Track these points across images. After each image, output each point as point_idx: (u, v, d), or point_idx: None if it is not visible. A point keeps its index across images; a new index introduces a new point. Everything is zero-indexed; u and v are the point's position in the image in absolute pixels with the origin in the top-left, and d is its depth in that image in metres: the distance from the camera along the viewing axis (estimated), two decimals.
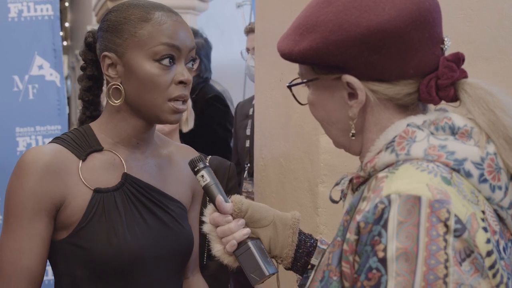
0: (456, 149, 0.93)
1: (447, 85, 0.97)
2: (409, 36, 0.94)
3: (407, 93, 0.98)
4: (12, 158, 2.86)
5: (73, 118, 12.96)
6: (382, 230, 0.85)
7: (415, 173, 0.90)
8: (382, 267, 0.84)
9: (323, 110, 1.04)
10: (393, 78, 0.96)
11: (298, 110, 1.98)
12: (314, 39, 0.97)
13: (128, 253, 1.29)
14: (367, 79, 0.97)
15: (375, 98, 0.98)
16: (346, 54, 0.95)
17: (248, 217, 1.21)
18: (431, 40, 0.97)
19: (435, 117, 0.99)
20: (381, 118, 1.00)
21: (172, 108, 1.31)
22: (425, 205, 0.85)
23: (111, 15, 1.35)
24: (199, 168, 1.24)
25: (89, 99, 1.46)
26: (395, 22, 0.93)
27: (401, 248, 0.83)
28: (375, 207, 0.87)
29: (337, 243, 0.96)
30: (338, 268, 0.94)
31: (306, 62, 1.00)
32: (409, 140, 0.95)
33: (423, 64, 0.96)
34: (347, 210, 0.98)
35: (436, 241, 0.83)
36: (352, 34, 0.94)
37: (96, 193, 1.30)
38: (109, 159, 1.35)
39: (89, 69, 1.43)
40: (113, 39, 1.32)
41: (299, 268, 1.25)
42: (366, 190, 0.96)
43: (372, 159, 0.98)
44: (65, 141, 1.34)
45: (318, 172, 1.87)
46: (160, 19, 1.30)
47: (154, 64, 1.29)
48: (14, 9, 2.98)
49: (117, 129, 1.36)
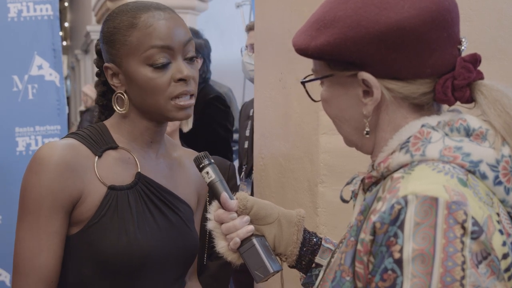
0: (471, 151, 0.92)
1: (463, 85, 0.96)
2: (427, 35, 0.94)
3: (423, 92, 0.97)
4: (11, 158, 2.86)
5: (73, 118, 12.95)
6: (398, 231, 0.85)
7: (431, 174, 0.89)
8: (398, 268, 0.84)
9: (336, 107, 1.03)
10: (409, 77, 0.96)
11: (297, 110, 1.98)
12: (332, 34, 0.96)
13: (137, 252, 1.28)
14: (383, 76, 0.96)
15: (390, 96, 0.97)
16: (363, 51, 0.94)
17: (253, 214, 1.21)
18: (449, 40, 0.96)
19: (449, 118, 0.98)
20: (395, 117, 0.99)
21: (176, 106, 1.31)
22: (442, 206, 0.84)
23: (104, 26, 1.36)
24: (204, 164, 1.24)
25: (104, 104, 1.46)
26: (414, 20, 0.93)
27: (417, 250, 0.83)
28: (391, 207, 0.86)
29: (350, 243, 0.95)
30: (351, 268, 0.93)
31: (323, 58, 0.99)
32: (424, 141, 0.94)
33: (440, 64, 0.96)
34: (361, 210, 0.97)
35: (454, 243, 0.82)
36: (371, 31, 0.93)
37: (111, 190, 1.30)
38: (123, 157, 1.35)
39: (102, 75, 1.44)
40: (109, 50, 1.33)
41: (303, 266, 1.25)
42: (381, 191, 0.95)
43: (385, 159, 0.98)
44: (82, 136, 1.33)
45: (317, 172, 1.87)
46: (146, 21, 1.29)
47: (149, 69, 1.29)
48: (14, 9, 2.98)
49: (130, 129, 1.37)
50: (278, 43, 2.12)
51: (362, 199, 1.04)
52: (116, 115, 1.39)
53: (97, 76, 1.47)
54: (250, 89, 4.56)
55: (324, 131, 1.85)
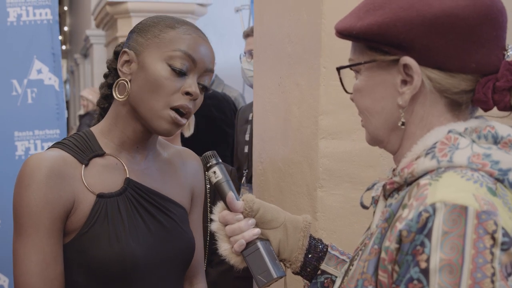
0: (500, 159, 0.90)
1: (505, 88, 0.94)
2: (478, 28, 0.92)
3: (463, 89, 0.95)
4: (10, 162, 2.85)
5: (72, 122, 12.95)
6: (425, 240, 0.82)
7: (460, 182, 0.87)
8: (424, 278, 0.81)
9: (369, 98, 1.01)
10: (453, 69, 0.93)
11: (297, 115, 1.98)
12: (382, 14, 0.95)
13: (129, 258, 1.28)
14: (426, 64, 0.94)
15: (431, 86, 0.95)
16: (412, 33, 0.92)
17: (258, 217, 1.19)
18: (497, 41, 0.95)
19: (476, 125, 0.96)
20: (430, 112, 0.97)
21: (172, 117, 1.29)
22: (472, 215, 0.82)
23: (146, 19, 1.38)
24: (212, 164, 1.22)
25: (105, 107, 1.46)
26: (468, 9, 0.92)
27: (445, 260, 0.80)
28: (419, 215, 0.84)
29: (374, 251, 0.93)
30: (373, 277, 0.91)
31: (367, 39, 0.97)
32: (452, 147, 0.92)
33: (485, 62, 0.94)
34: (385, 218, 0.94)
35: (483, 254, 0.80)
36: (423, 13, 0.92)
37: (99, 198, 1.29)
38: (111, 164, 1.34)
39: (110, 77, 1.44)
40: (137, 38, 1.34)
41: (308, 273, 1.23)
42: (407, 197, 0.91)
43: (409, 165, 0.95)
44: (67, 146, 1.33)
45: (316, 177, 1.87)
46: (186, 30, 1.33)
47: (166, 67, 1.29)
48: (13, 13, 2.98)
49: (119, 132, 1.36)
50: (277, 47, 2.12)
51: (383, 205, 1.02)
52: (107, 119, 1.38)
53: (105, 77, 1.46)
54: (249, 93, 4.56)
55: (323, 135, 1.85)
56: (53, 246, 1.25)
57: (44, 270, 1.24)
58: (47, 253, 1.25)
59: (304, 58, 1.93)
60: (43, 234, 1.24)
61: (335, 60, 1.78)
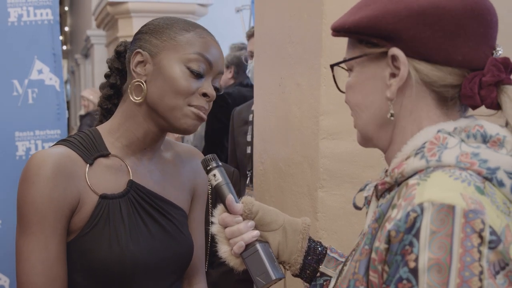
0: (489, 158, 0.90)
1: (491, 83, 0.94)
2: (465, 22, 0.94)
3: (450, 83, 0.96)
4: (11, 163, 2.86)
5: (72, 122, 12.95)
6: (413, 240, 0.83)
7: (448, 181, 0.87)
8: (413, 277, 0.82)
9: (360, 93, 1.02)
10: (439, 61, 0.94)
11: (297, 115, 1.98)
12: (372, 8, 0.97)
13: (129, 260, 1.28)
14: (413, 56, 0.95)
15: (417, 77, 0.96)
16: (400, 24, 0.94)
17: (258, 220, 1.20)
18: (485, 37, 0.96)
19: (465, 124, 0.96)
20: (419, 106, 0.98)
21: (195, 112, 1.31)
22: (459, 215, 0.82)
23: (155, 20, 1.38)
24: (212, 167, 1.23)
25: (108, 107, 1.45)
26: (455, 2, 0.94)
27: (433, 259, 0.81)
28: (407, 215, 0.85)
29: (365, 252, 0.93)
30: (365, 277, 0.91)
31: (358, 32, 0.99)
32: (440, 147, 0.93)
33: (471, 57, 0.95)
34: (375, 218, 0.95)
35: (471, 253, 0.81)
36: (411, 5, 0.94)
37: (102, 199, 1.29)
38: (115, 165, 1.34)
39: (112, 77, 1.43)
40: (150, 39, 1.34)
41: (308, 275, 1.23)
42: (396, 197, 0.92)
43: (399, 165, 0.96)
44: (72, 143, 1.32)
45: (317, 177, 1.87)
46: (201, 33, 1.34)
47: (185, 69, 1.30)
48: (14, 13, 2.98)
49: (128, 133, 1.35)
50: (277, 47, 2.12)
51: (375, 206, 1.03)
52: (116, 118, 1.38)
53: (106, 77, 1.46)
54: None
55: (324, 136, 1.85)
56: (57, 244, 1.25)
57: (48, 268, 1.23)
58: (52, 251, 1.24)
59: (304, 58, 1.93)
60: (48, 232, 1.23)
61: (335, 60, 1.77)
